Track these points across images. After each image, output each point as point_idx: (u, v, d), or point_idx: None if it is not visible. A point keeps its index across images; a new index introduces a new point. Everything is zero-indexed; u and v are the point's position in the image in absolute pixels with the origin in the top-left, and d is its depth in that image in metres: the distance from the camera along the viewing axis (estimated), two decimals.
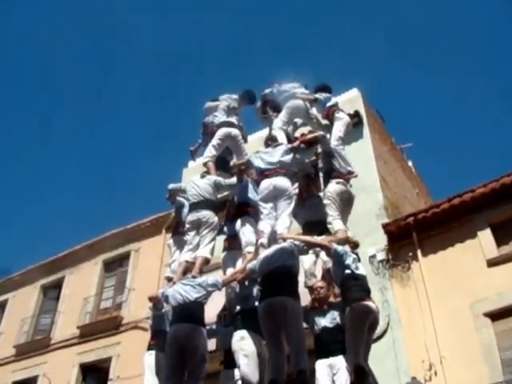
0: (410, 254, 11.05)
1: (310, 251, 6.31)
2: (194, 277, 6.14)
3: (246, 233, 6.64)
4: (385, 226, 11.54)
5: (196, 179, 7.26)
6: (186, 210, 7.40)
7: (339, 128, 7.11)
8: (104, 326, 15.64)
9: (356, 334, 5.16)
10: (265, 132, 8.95)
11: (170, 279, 7.05)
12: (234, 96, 8.30)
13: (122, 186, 47.59)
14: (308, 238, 6.13)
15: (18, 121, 45.17)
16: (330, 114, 7.40)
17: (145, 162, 47.86)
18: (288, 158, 6.67)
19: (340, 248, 5.58)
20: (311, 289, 6.34)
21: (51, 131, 46.47)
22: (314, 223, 6.70)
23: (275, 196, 6.39)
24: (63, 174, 46.72)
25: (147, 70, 46.63)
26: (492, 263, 10.13)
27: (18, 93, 45.30)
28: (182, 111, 47.45)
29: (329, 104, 7.45)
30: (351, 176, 6.84)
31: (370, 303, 5.26)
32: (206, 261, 6.56)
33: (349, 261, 5.45)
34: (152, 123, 47.47)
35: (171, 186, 7.75)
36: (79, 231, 39.01)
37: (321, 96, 7.59)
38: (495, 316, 9.64)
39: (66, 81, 45.02)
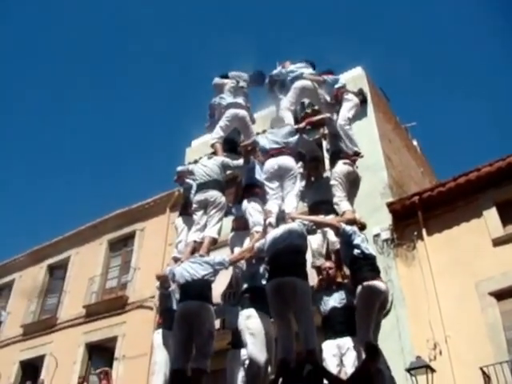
0: (415, 233, 11.05)
1: (318, 231, 6.31)
2: (201, 256, 6.16)
3: (252, 213, 6.65)
4: (389, 205, 11.52)
5: (203, 160, 7.27)
6: (193, 191, 7.42)
7: (348, 108, 7.08)
8: (109, 305, 15.72)
9: (367, 313, 5.18)
10: (271, 110, 8.93)
11: (176, 259, 7.07)
12: (244, 75, 8.29)
13: (126, 166, 47.56)
14: (316, 217, 6.14)
15: (27, 97, 44.97)
16: (338, 95, 7.37)
17: (148, 141, 47.76)
18: (294, 138, 6.68)
19: (349, 228, 5.58)
20: (319, 269, 6.37)
21: (56, 111, 46.26)
22: (322, 204, 6.73)
23: (280, 175, 6.41)
24: (67, 154, 46.64)
25: (150, 49, 46.30)
26: (497, 242, 10.12)
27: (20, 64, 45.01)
28: (186, 91, 47.20)
29: (337, 86, 7.42)
30: (358, 157, 6.81)
31: (380, 283, 5.28)
32: (214, 241, 6.60)
33: (358, 240, 5.45)
34: (156, 103, 47.27)
35: (179, 168, 7.80)
36: (84, 211, 39.08)
37: (328, 78, 7.56)
38: (500, 295, 9.64)
39: (72, 57, 44.67)
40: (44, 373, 15.61)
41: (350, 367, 5.54)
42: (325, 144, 8.57)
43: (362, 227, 6.02)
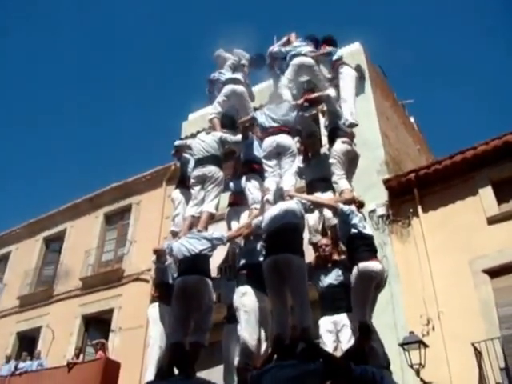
0: (411, 210, 11.11)
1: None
2: (199, 231, 6.18)
3: (252, 190, 6.67)
4: (386, 182, 11.56)
5: (202, 135, 7.26)
6: (191, 165, 7.42)
7: (349, 85, 7.03)
8: (106, 278, 15.84)
9: (362, 293, 5.21)
10: (269, 84, 8.90)
11: (174, 233, 7.09)
12: (246, 55, 8.30)
13: (122, 138, 47.41)
14: (314, 197, 6.17)
15: (24, 68, 44.56)
16: (334, 67, 7.32)
17: (145, 114, 47.55)
18: (292, 115, 6.66)
19: (346, 208, 5.58)
20: (315, 246, 6.40)
21: (51, 85, 45.88)
22: (320, 181, 6.74)
23: (278, 153, 6.41)
24: (63, 126, 46.42)
25: (147, 17, 45.73)
26: (492, 220, 10.19)
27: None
28: (183, 64, 46.82)
29: (334, 58, 7.36)
30: (354, 126, 6.80)
31: (376, 263, 5.29)
32: (211, 216, 6.62)
33: (355, 220, 5.45)
34: (152, 75, 46.92)
35: (177, 142, 7.76)
36: (80, 184, 39.05)
37: (325, 50, 7.50)
38: (494, 273, 9.74)
39: (65, 23, 44.14)
40: (41, 344, 15.76)
41: (345, 343, 5.60)
42: (322, 120, 8.51)
43: (361, 205, 6.02)
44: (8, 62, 42.63)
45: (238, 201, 6.99)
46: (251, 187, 6.70)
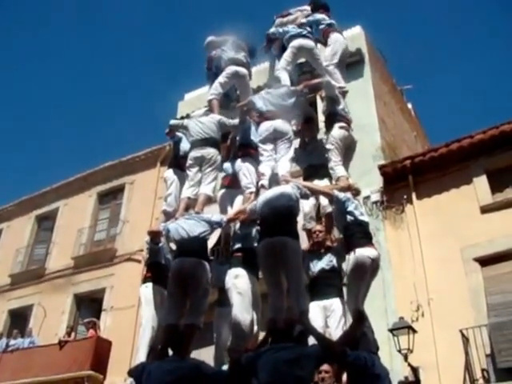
0: (405, 196, 11.13)
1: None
2: (197, 213, 6.16)
3: (246, 174, 6.64)
4: (381, 168, 11.56)
5: (198, 116, 7.20)
6: (183, 144, 7.37)
7: (333, 50, 7.08)
8: (98, 257, 15.84)
9: (358, 279, 5.23)
10: (266, 66, 8.85)
11: (166, 213, 7.05)
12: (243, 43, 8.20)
13: (117, 118, 47.08)
14: (310, 184, 6.17)
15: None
16: (325, 35, 7.32)
17: (140, 93, 47.26)
18: (290, 101, 6.63)
19: (342, 195, 5.59)
20: (309, 232, 6.40)
21: (46, 59, 45.43)
22: (316, 167, 6.73)
23: (275, 138, 6.40)
24: (58, 102, 46.07)
25: None
26: (485, 210, 10.23)
27: None
28: (180, 43, 46.45)
29: (322, 26, 7.40)
30: (342, 89, 6.82)
31: (372, 249, 5.31)
32: (209, 198, 6.59)
33: (351, 207, 5.46)
34: (148, 54, 46.52)
35: (172, 121, 7.63)
36: (73, 163, 38.85)
37: (315, 17, 7.55)
38: (485, 261, 9.82)
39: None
40: (32, 322, 15.80)
41: (334, 329, 5.64)
42: (320, 105, 8.49)
43: (357, 193, 6.04)
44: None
45: (233, 183, 6.95)
46: (245, 171, 6.66)
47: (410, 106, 17.24)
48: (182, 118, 7.90)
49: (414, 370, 9.19)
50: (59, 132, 45.86)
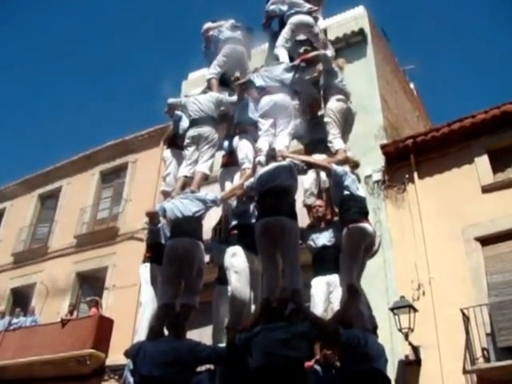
0: (407, 176, 11.11)
1: (311, 170, 6.30)
2: (192, 192, 6.14)
3: (243, 149, 6.63)
4: (383, 147, 11.52)
5: (197, 95, 7.17)
6: (183, 123, 7.35)
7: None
8: (100, 236, 15.87)
9: (351, 254, 5.21)
10: (266, 47, 8.76)
11: (165, 193, 7.05)
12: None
13: (120, 96, 46.88)
14: (307, 157, 6.12)
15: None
16: None
17: (144, 72, 46.92)
18: (289, 76, 6.59)
19: (340, 169, 5.55)
20: (309, 207, 6.38)
21: (47, 35, 45.11)
22: (318, 142, 6.69)
23: (275, 112, 6.35)
24: (60, 81, 45.86)
25: None
26: (487, 189, 10.21)
27: None
28: (183, 22, 46.01)
29: None
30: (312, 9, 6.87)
31: (366, 225, 5.27)
32: (205, 176, 6.59)
33: (348, 182, 5.42)
34: (152, 33, 46.14)
35: (171, 100, 7.63)
36: (76, 141, 38.78)
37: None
38: (486, 241, 9.81)
39: None
40: (35, 301, 15.88)
41: (336, 304, 5.66)
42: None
43: (355, 166, 5.98)
44: None
45: (232, 161, 6.92)
46: (242, 147, 6.65)
47: (412, 85, 17.13)
48: (186, 97, 7.90)
49: (415, 349, 9.29)
50: (62, 111, 45.67)
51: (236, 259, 5.76)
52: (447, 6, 40.58)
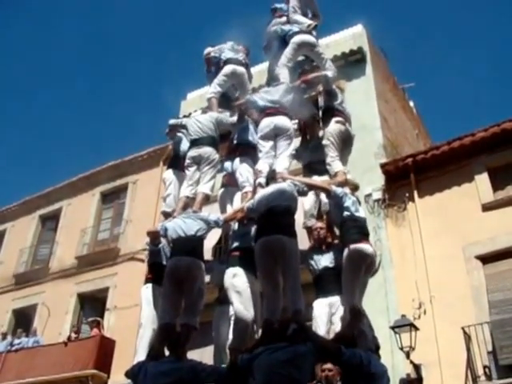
0: (407, 194, 11.16)
1: (311, 192, 6.31)
2: (195, 212, 6.15)
3: (243, 172, 6.63)
4: (383, 166, 11.58)
5: (197, 115, 7.21)
6: (183, 145, 7.37)
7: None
8: (101, 257, 15.90)
9: (352, 276, 5.19)
10: (267, 66, 8.85)
11: (166, 214, 7.06)
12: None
13: (120, 117, 47.14)
14: (308, 179, 6.13)
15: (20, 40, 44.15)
16: None
17: (144, 93, 47.25)
18: (289, 97, 6.59)
19: (340, 190, 5.54)
20: (310, 230, 6.38)
21: (49, 51, 45.47)
22: (317, 164, 6.67)
23: (275, 135, 6.34)
24: (61, 102, 46.13)
25: None
26: (487, 207, 10.24)
27: None
28: (184, 42, 46.43)
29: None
30: (311, 26, 7.18)
31: (367, 246, 5.26)
32: (207, 197, 6.57)
33: (348, 203, 5.41)
34: (151, 52, 46.53)
35: (172, 121, 7.65)
36: (76, 162, 38.86)
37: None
38: (486, 259, 9.84)
39: None
40: (36, 321, 15.88)
41: (338, 326, 5.63)
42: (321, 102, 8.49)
43: (355, 188, 6.00)
44: None
45: (232, 182, 6.92)
46: (242, 170, 6.65)
47: (411, 104, 17.23)
48: (185, 117, 7.93)
49: (416, 368, 9.23)
50: (62, 132, 45.87)
51: (237, 280, 5.73)
52: (446, 24, 40.99)
